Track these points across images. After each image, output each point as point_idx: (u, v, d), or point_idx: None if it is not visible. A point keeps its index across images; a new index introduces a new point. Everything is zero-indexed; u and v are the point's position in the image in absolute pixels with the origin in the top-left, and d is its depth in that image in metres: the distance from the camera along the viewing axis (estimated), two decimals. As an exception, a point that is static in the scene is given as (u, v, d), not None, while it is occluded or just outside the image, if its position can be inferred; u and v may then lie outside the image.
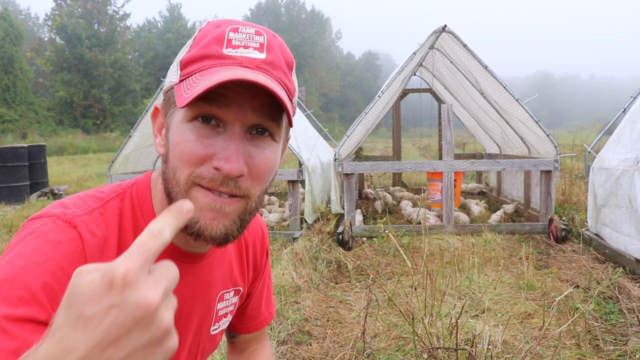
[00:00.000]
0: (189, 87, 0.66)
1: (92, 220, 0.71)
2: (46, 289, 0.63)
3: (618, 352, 2.37)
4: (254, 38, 0.70)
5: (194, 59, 0.69)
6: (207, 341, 0.93)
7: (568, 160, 8.40)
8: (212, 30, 0.70)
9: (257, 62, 0.68)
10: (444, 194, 5.01)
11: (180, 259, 0.79)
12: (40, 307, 0.62)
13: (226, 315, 0.95)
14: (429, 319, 2.41)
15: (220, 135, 0.68)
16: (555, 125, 47.58)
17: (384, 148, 17.11)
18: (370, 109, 5.14)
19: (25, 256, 0.64)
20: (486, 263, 3.90)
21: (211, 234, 0.69)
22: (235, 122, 0.67)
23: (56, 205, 0.72)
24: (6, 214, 6.85)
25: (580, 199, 5.72)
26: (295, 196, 5.01)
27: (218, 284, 0.89)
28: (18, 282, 0.62)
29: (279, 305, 3.01)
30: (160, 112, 0.76)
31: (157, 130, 0.77)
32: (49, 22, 36.74)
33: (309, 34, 57.74)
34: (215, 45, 0.68)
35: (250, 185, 0.70)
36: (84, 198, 0.75)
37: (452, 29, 5.12)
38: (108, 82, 35.34)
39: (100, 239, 0.70)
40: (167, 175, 0.71)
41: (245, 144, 0.69)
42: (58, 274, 0.64)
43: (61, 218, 0.69)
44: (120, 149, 5.70)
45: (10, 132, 25.92)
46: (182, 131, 0.68)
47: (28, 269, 0.63)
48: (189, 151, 0.67)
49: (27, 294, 0.61)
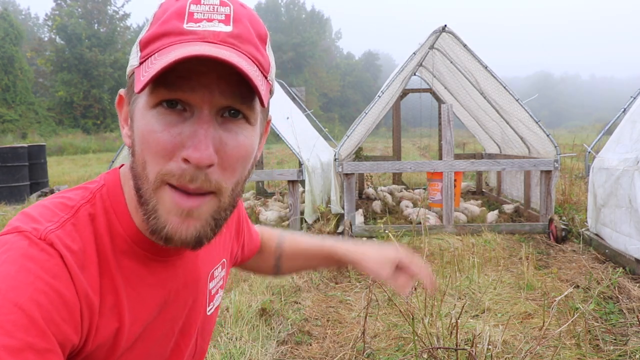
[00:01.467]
0: (146, 70, 0.60)
1: (66, 234, 0.64)
2: (41, 310, 0.57)
3: (618, 352, 2.37)
4: (219, 9, 0.63)
5: (153, 38, 0.62)
6: (206, 322, 0.91)
7: (568, 160, 8.40)
8: (172, 4, 0.63)
9: (222, 35, 0.61)
10: (444, 194, 5.01)
11: (164, 255, 0.75)
12: (38, 332, 0.56)
13: (217, 291, 0.93)
14: (429, 319, 2.41)
15: (187, 121, 0.61)
16: (555, 125, 47.60)
17: (384, 148, 17.11)
18: (370, 109, 5.14)
19: (10, 276, 0.57)
20: (486, 263, 3.90)
21: (181, 237, 0.64)
22: (203, 105, 0.60)
23: (23, 218, 0.65)
24: (6, 214, 6.86)
25: (580, 199, 5.72)
26: (295, 196, 5.01)
27: (206, 265, 0.86)
28: (9, 305, 0.55)
29: (279, 305, 3.01)
30: (125, 99, 0.70)
31: (124, 120, 0.70)
32: (49, 22, 36.75)
33: (309, 34, 57.74)
34: (175, 20, 0.62)
35: (221, 178, 0.63)
36: (51, 207, 0.67)
37: (452, 29, 5.12)
38: (108, 82, 35.34)
39: (78, 254, 0.64)
40: (136, 170, 0.65)
41: (216, 129, 0.62)
42: (50, 293, 0.58)
43: (35, 235, 0.61)
44: (120, 149, 5.71)
45: (10, 132, 25.93)
46: (147, 120, 0.62)
47: (18, 290, 0.56)
48: (155, 142, 0.61)
49: (22, 318, 0.55)
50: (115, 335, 0.68)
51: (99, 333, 0.65)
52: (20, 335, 0.54)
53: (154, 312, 0.74)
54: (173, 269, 0.77)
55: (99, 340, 0.66)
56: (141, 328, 0.72)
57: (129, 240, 0.70)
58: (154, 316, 0.75)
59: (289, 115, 5.82)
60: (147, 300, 0.72)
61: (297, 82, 43.39)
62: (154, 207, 0.63)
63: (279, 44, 54.07)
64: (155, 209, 0.63)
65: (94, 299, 0.64)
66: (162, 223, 0.63)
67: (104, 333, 0.66)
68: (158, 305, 0.75)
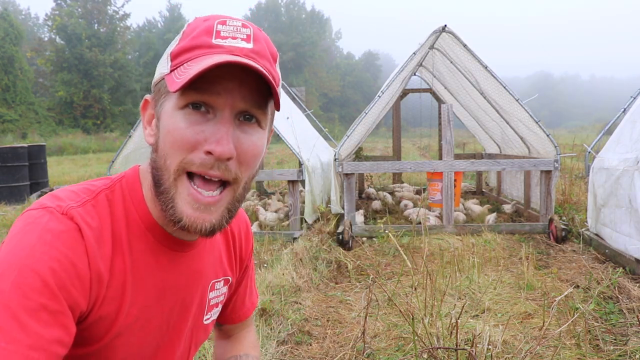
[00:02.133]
0: (180, 74, 0.69)
1: (86, 212, 0.72)
2: (55, 276, 0.64)
3: (618, 352, 2.37)
4: (241, 30, 0.72)
5: (185, 50, 0.71)
6: (201, 331, 0.94)
7: (568, 160, 8.40)
8: (200, 24, 0.73)
9: (246, 51, 0.71)
10: (444, 194, 5.01)
11: (172, 246, 0.81)
12: (51, 295, 0.63)
13: (217, 305, 0.96)
14: (429, 319, 2.41)
15: (210, 121, 0.70)
16: (555, 125, 47.55)
17: (384, 148, 17.11)
18: (370, 109, 5.14)
19: (30, 245, 0.65)
20: (486, 263, 3.90)
21: (196, 229, 0.72)
22: (225, 108, 0.70)
23: (49, 197, 0.73)
24: (6, 214, 6.85)
25: (580, 199, 5.72)
26: (295, 196, 5.01)
27: (209, 272, 0.91)
28: (26, 269, 0.62)
29: (279, 305, 3.01)
30: (150, 103, 0.79)
31: (147, 121, 0.79)
32: (49, 22, 36.70)
33: (309, 34, 57.71)
34: (205, 37, 0.71)
35: (238, 170, 0.72)
36: (75, 191, 0.76)
37: (452, 29, 5.12)
38: (108, 82, 35.31)
39: (95, 230, 0.72)
40: (158, 163, 0.73)
41: (235, 129, 0.71)
42: (64, 262, 0.66)
43: (57, 210, 0.70)
44: (120, 149, 5.70)
45: (10, 132, 25.90)
46: (174, 119, 0.70)
47: (35, 257, 0.64)
48: (180, 137, 0.69)
49: (37, 282, 0.62)
50: (116, 312, 0.74)
51: (103, 306, 0.72)
52: (36, 297, 0.62)
53: (151, 299, 0.79)
54: (178, 264, 0.82)
55: (101, 312, 0.72)
56: (138, 312, 0.77)
57: (143, 226, 0.78)
58: (152, 304, 0.79)
59: (289, 115, 5.82)
60: (148, 286, 0.78)
61: (297, 82, 43.41)
62: (172, 197, 0.72)
63: (279, 44, 54.02)
64: (173, 198, 0.72)
65: (104, 273, 0.72)
66: (179, 214, 0.71)
67: (107, 307, 0.73)
68: (157, 293, 0.79)
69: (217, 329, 1.13)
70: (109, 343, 0.75)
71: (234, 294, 1.05)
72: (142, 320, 0.78)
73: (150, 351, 0.82)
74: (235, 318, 1.08)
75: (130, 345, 0.78)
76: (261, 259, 4.09)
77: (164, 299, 0.81)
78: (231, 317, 1.08)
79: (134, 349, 0.79)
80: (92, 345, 0.74)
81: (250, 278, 1.10)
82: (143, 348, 0.81)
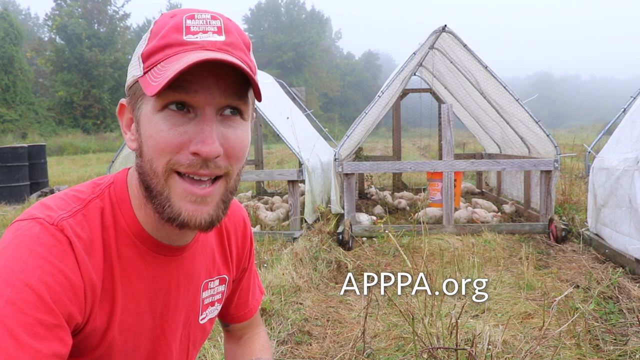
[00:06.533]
0: (155, 76, 0.66)
1: (77, 222, 0.71)
2: (49, 290, 0.63)
3: (618, 352, 2.37)
4: (211, 22, 0.70)
5: (156, 50, 0.69)
6: (197, 331, 0.94)
7: (568, 160, 8.40)
8: (168, 21, 0.70)
9: (219, 44, 0.69)
10: (444, 194, 5.01)
11: (162, 252, 0.80)
12: (47, 309, 0.62)
13: (213, 303, 0.96)
14: (429, 319, 2.40)
15: (192, 121, 0.68)
16: (555, 125, 47.55)
17: (384, 148, 17.10)
18: (370, 109, 5.14)
19: (22, 259, 0.64)
20: (486, 263, 3.90)
21: (196, 223, 0.71)
22: (205, 105, 0.68)
23: (39, 207, 0.72)
24: (6, 214, 6.85)
25: (580, 199, 5.72)
26: (295, 196, 5.01)
27: (202, 274, 0.90)
28: (20, 284, 0.62)
29: (279, 305, 3.01)
30: (127, 107, 0.76)
31: (126, 126, 0.77)
32: (49, 22, 36.68)
33: (309, 34, 57.69)
34: (175, 34, 0.68)
35: (228, 164, 0.72)
36: (65, 199, 0.74)
37: (452, 29, 5.12)
38: (108, 82, 35.29)
39: (86, 241, 0.71)
40: (144, 168, 0.71)
41: (218, 126, 0.69)
42: (57, 275, 0.65)
43: (48, 221, 0.69)
44: (120, 149, 5.70)
45: (10, 132, 25.90)
46: (154, 122, 0.68)
47: (28, 272, 0.63)
48: (163, 141, 0.68)
49: (32, 296, 0.62)
50: (108, 320, 0.74)
51: (97, 316, 0.72)
52: (31, 312, 0.61)
53: (143, 305, 0.79)
54: (168, 268, 0.82)
55: (95, 323, 0.72)
56: (131, 318, 0.77)
57: (131, 234, 0.77)
58: (143, 310, 0.79)
59: (289, 115, 5.82)
60: (139, 292, 0.78)
61: (297, 82, 43.34)
62: (167, 196, 0.70)
63: (279, 44, 54.05)
64: (169, 198, 0.70)
65: (97, 283, 0.71)
66: (176, 210, 0.70)
67: (101, 316, 0.72)
68: (148, 298, 0.79)
69: (225, 331, 1.12)
70: (104, 352, 0.75)
71: (235, 292, 1.05)
72: (135, 326, 0.78)
73: (146, 355, 0.83)
74: (240, 316, 1.08)
75: (126, 351, 0.78)
76: (261, 259, 4.09)
77: (155, 304, 0.81)
78: (236, 315, 1.07)
79: (129, 354, 0.79)
80: (88, 355, 0.74)
81: (253, 275, 1.09)
82: (138, 353, 0.81)
